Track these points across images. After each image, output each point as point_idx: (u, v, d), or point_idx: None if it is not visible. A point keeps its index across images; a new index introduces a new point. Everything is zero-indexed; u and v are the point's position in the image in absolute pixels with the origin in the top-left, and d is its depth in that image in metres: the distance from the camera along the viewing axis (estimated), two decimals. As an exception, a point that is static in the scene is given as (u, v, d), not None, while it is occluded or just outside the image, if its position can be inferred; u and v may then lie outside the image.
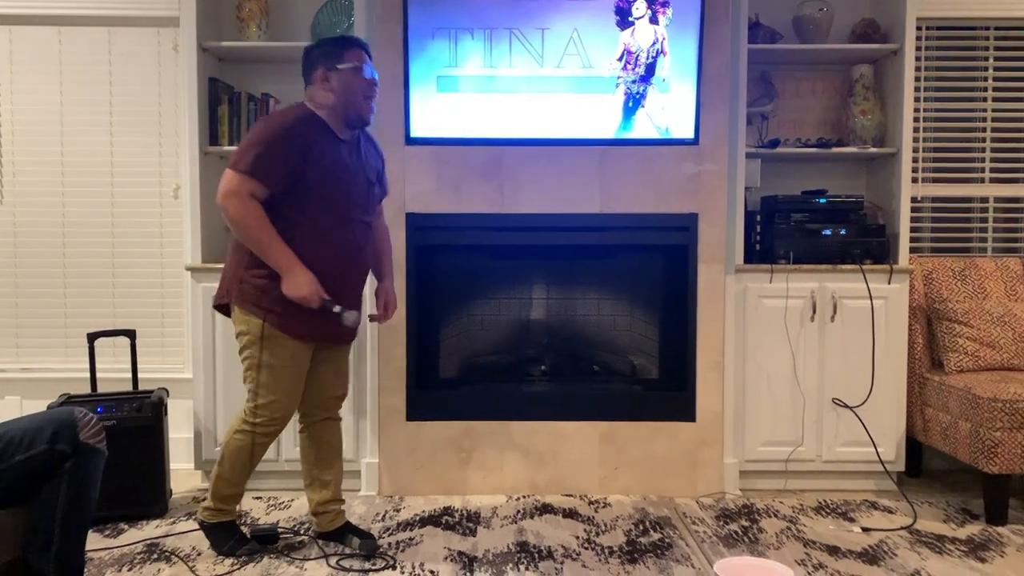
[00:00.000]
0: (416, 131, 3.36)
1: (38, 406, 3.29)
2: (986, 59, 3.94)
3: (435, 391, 3.53)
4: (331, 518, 2.88)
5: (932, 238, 4.00)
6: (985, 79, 3.95)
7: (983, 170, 3.97)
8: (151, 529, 3.03)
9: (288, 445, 3.43)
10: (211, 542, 2.80)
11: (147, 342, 3.77)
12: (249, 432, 2.70)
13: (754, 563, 2.28)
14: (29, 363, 3.89)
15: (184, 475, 3.61)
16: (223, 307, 2.74)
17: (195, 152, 3.46)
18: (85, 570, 2.09)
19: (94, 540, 2.88)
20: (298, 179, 2.57)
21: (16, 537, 1.96)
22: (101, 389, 3.39)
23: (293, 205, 2.59)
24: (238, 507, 2.90)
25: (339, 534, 2.87)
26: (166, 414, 3.28)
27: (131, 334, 3.44)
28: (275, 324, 2.62)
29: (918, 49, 3.75)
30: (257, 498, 3.36)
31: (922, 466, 3.73)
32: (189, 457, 3.55)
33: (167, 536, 2.96)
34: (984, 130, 3.96)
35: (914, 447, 3.62)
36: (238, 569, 2.66)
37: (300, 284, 2.56)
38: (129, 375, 3.46)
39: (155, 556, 2.77)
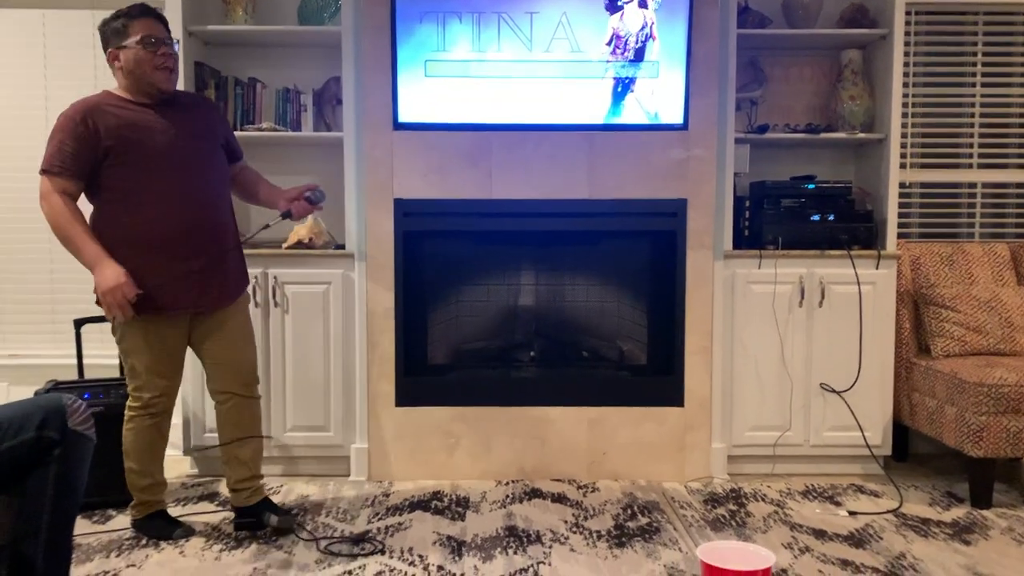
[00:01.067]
0: (404, 116, 3.35)
1: (25, 392, 3.28)
2: (975, 44, 3.94)
3: (424, 377, 3.53)
4: (248, 494, 2.87)
5: (920, 224, 4.01)
6: (974, 64, 3.95)
7: (971, 156, 3.98)
8: (139, 515, 3.02)
9: (277, 431, 3.43)
10: (143, 533, 2.82)
11: (135, 328, 3.75)
12: (136, 418, 2.74)
13: (736, 547, 2.30)
14: (16, 349, 3.87)
15: (173, 461, 3.59)
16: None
17: (181, 137, 3.43)
18: (73, 556, 2.08)
19: (82, 526, 2.88)
20: (103, 157, 2.56)
21: (5, 524, 1.95)
22: (88, 375, 3.38)
23: (115, 180, 2.58)
24: (164, 496, 2.91)
25: (256, 510, 2.86)
26: (154, 400, 3.26)
27: (118, 320, 3.42)
28: (135, 307, 2.59)
29: (907, 34, 3.75)
30: (246, 484, 3.36)
31: (908, 450, 3.76)
32: (178, 443, 3.54)
33: (155, 522, 2.95)
34: (972, 116, 3.97)
35: (901, 431, 3.65)
36: (227, 553, 2.67)
37: (107, 277, 2.52)
38: (116, 361, 3.45)
39: (143, 542, 2.77)
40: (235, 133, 3.09)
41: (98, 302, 2.59)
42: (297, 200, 2.87)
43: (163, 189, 2.62)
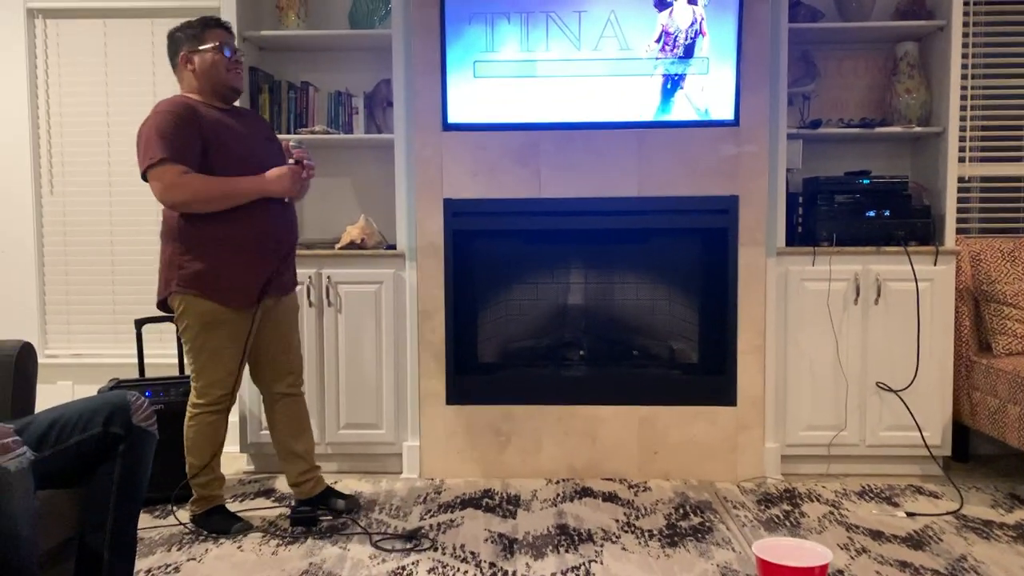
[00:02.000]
0: (453, 117, 3.37)
1: (89, 391, 3.38)
2: (1037, 34, 3.83)
3: (474, 375, 3.55)
4: (312, 486, 3.00)
5: (980, 219, 3.91)
6: (1036, 55, 3.84)
7: (1033, 148, 3.87)
8: (199, 510, 3.10)
9: (331, 429, 3.48)
10: (207, 529, 2.88)
11: (193, 328, 3.84)
12: (199, 415, 2.81)
13: (792, 543, 2.27)
14: (80, 349, 3.99)
15: (230, 458, 3.67)
16: (163, 303, 2.80)
17: (237, 141, 3.51)
18: (136, 549, 2.14)
19: (144, 520, 2.95)
20: (204, 154, 2.65)
21: (72, 516, 2.02)
22: (149, 374, 3.47)
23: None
24: (223, 491, 2.98)
25: (322, 498, 2.99)
26: (212, 398, 3.34)
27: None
28: (221, 302, 2.69)
29: (965, 25, 3.66)
30: (301, 481, 3.42)
31: (969, 451, 3.66)
32: (235, 440, 3.61)
33: (214, 517, 3.02)
34: (1034, 107, 3.85)
35: (961, 431, 3.56)
36: (283, 548, 2.72)
37: (278, 178, 2.71)
38: (175, 360, 3.54)
39: (202, 536, 2.84)
40: (289, 136, 3.16)
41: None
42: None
43: None
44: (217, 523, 2.87)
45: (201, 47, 2.75)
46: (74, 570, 2.01)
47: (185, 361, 2.81)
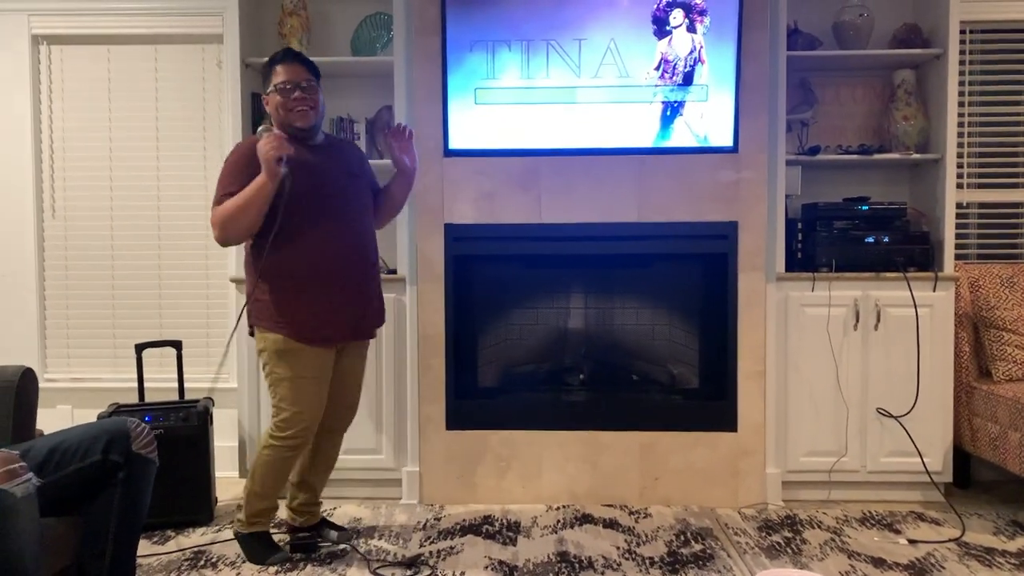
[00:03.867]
0: (454, 143, 3.40)
1: (88, 415, 3.37)
2: (1033, 62, 3.87)
3: (474, 400, 3.55)
4: (310, 516, 3.02)
5: (978, 244, 3.92)
6: (1032, 82, 3.87)
7: (1031, 175, 3.90)
8: (197, 536, 3.08)
9: (330, 454, 3.47)
10: (245, 552, 2.85)
11: (193, 352, 3.84)
12: (277, 447, 2.76)
13: (797, 574, 2.26)
14: (79, 373, 3.99)
15: (229, 483, 3.66)
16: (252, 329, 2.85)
17: (239, 166, 3.53)
18: None
19: (143, 547, 2.92)
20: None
21: (71, 544, 2.01)
22: (149, 398, 3.46)
23: (282, 217, 2.65)
24: (272, 518, 2.95)
25: (316, 528, 3.00)
26: (212, 423, 3.33)
27: (177, 345, 3.50)
28: (290, 335, 2.70)
29: (962, 53, 3.70)
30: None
31: (970, 477, 3.65)
32: (234, 465, 3.61)
33: (213, 543, 3.01)
34: (1031, 134, 3.88)
35: (962, 457, 3.55)
36: (282, 575, 2.70)
37: (264, 149, 2.58)
38: (175, 385, 3.54)
39: (202, 563, 2.82)
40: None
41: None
42: (398, 146, 2.96)
43: (324, 224, 2.73)
44: (255, 550, 2.84)
45: (268, 89, 2.77)
46: None
47: (269, 391, 2.79)
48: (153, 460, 2.06)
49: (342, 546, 2.94)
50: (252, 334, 2.83)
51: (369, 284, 2.88)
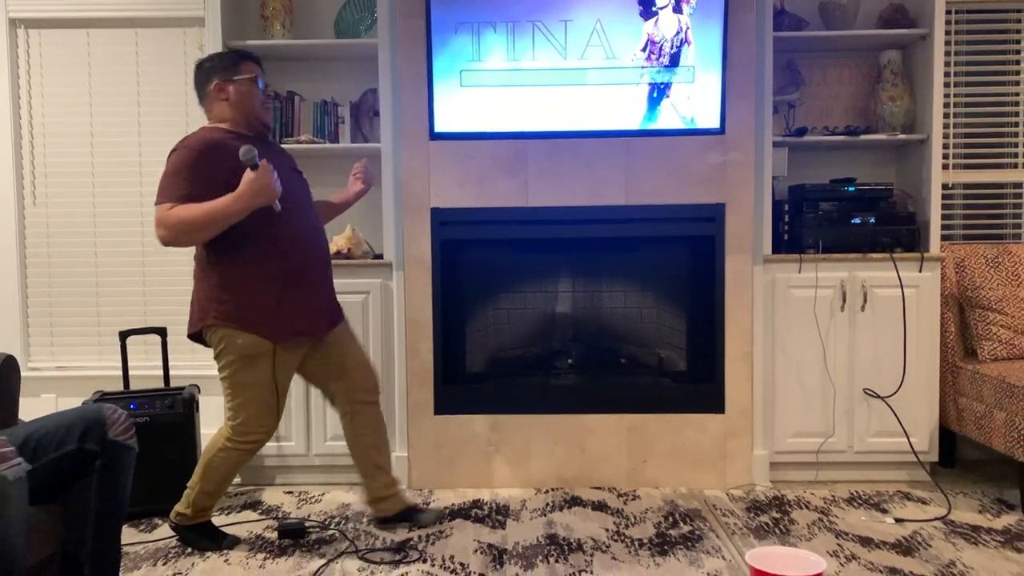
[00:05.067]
0: (440, 126, 3.37)
1: (73, 404, 3.34)
2: (1018, 42, 3.87)
3: (462, 385, 3.54)
4: (396, 499, 2.97)
5: (964, 225, 3.94)
6: (1017, 63, 3.87)
7: (1016, 155, 3.90)
8: (185, 524, 3.06)
9: (318, 440, 3.45)
10: (192, 544, 2.82)
11: (178, 339, 3.80)
12: (232, 450, 2.73)
13: (786, 552, 2.27)
14: (64, 361, 3.95)
15: (216, 470, 3.65)
16: (197, 336, 2.73)
17: (222, 151, 3.49)
18: (121, 564, 2.11)
19: (129, 535, 2.93)
20: (228, 185, 2.56)
21: (54, 532, 1.99)
22: (134, 386, 3.43)
23: (240, 224, 2.58)
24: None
25: (408, 514, 2.98)
26: (198, 410, 3.31)
27: (162, 332, 3.48)
28: (267, 336, 2.63)
29: (947, 33, 3.70)
30: (288, 492, 3.39)
31: (956, 456, 3.68)
32: (221, 453, 3.59)
33: (200, 530, 2.99)
34: (1016, 115, 3.89)
35: (947, 437, 3.57)
36: (270, 561, 2.69)
37: (258, 179, 2.52)
38: (160, 372, 3.51)
39: (189, 550, 2.81)
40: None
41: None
42: (358, 176, 3.06)
43: (287, 221, 2.67)
44: (201, 541, 2.81)
45: (236, 77, 2.71)
46: None
47: (224, 396, 2.73)
48: (131, 446, 2.02)
49: (384, 534, 2.91)
50: (197, 339, 2.73)
51: (329, 276, 2.88)
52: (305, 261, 2.73)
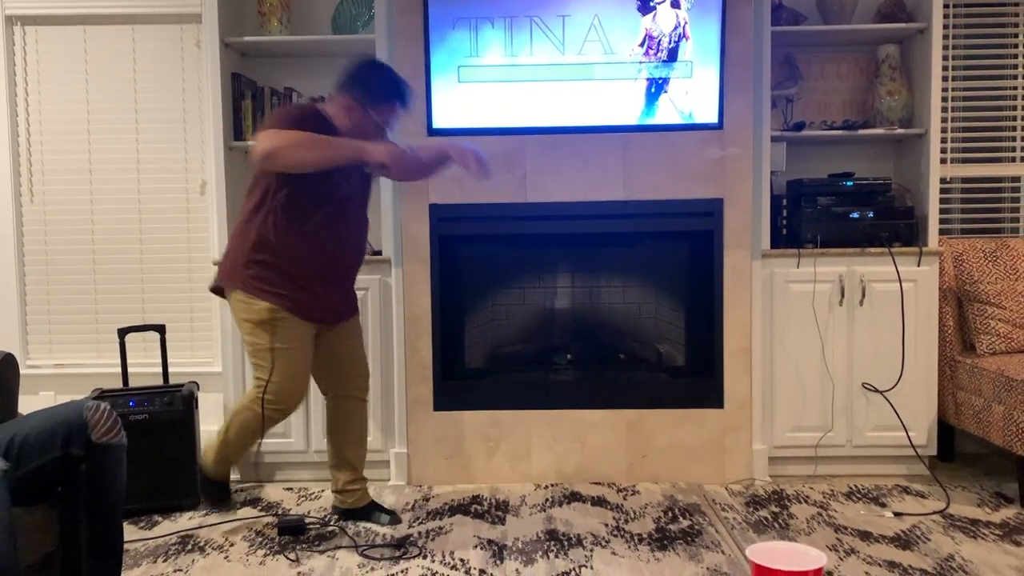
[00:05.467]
0: (438, 122, 3.36)
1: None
2: (1016, 36, 3.87)
3: (461, 381, 3.54)
4: (358, 496, 3.00)
5: (962, 219, 3.94)
6: (1015, 56, 3.87)
7: (1014, 149, 3.90)
8: (184, 521, 3.07)
9: (318, 436, 3.45)
10: (202, 491, 3.06)
11: (177, 337, 3.81)
12: (260, 413, 2.78)
13: (786, 547, 2.27)
14: (62, 359, 3.95)
15: (215, 467, 3.65)
16: (219, 289, 2.84)
17: (220, 148, 3.49)
18: (121, 561, 2.11)
19: (129, 531, 2.92)
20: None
21: (49, 531, 1.99)
22: (133, 383, 3.43)
23: (295, 194, 2.67)
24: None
25: (365, 512, 3.00)
26: (197, 407, 3.31)
27: (161, 329, 3.47)
28: (283, 306, 2.70)
29: (945, 27, 3.69)
30: (288, 489, 3.40)
31: (954, 450, 3.68)
32: (220, 449, 3.59)
33: (200, 528, 2.99)
34: (1015, 109, 3.89)
35: (946, 431, 3.58)
36: (270, 558, 2.69)
37: (382, 149, 2.61)
38: (159, 369, 3.51)
39: (189, 547, 2.81)
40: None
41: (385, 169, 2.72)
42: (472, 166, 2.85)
43: (332, 215, 2.74)
44: (213, 492, 3.06)
45: (371, 109, 2.73)
46: None
47: (250, 365, 2.83)
48: (116, 444, 1.98)
49: (384, 530, 2.92)
50: (218, 292, 2.84)
51: (353, 275, 2.94)
52: (335, 262, 2.80)
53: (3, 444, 1.89)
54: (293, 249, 2.70)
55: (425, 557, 2.69)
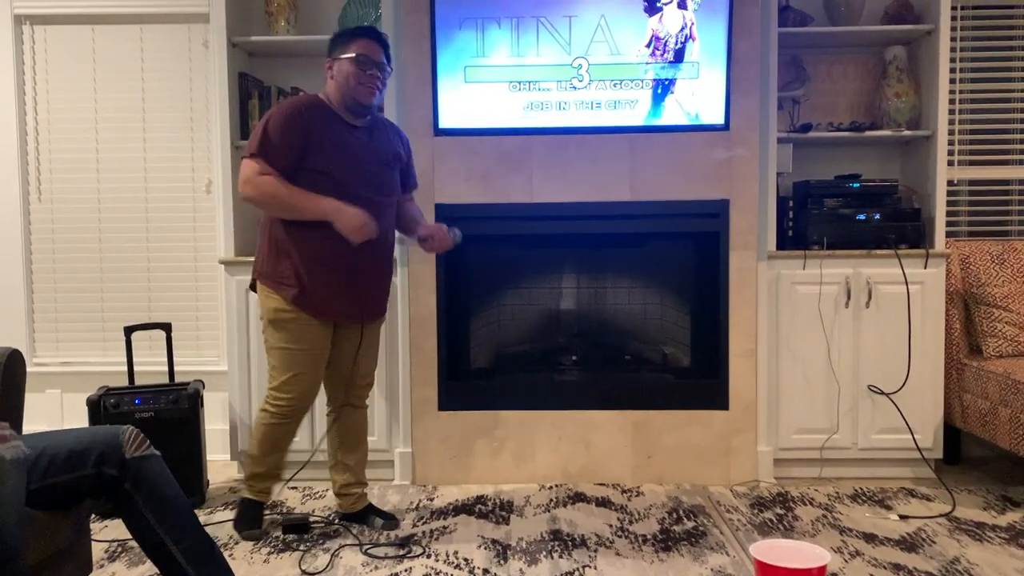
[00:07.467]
0: (444, 122, 3.37)
1: (78, 399, 3.37)
2: (1024, 38, 3.86)
3: (467, 381, 3.54)
4: (353, 500, 2.98)
5: (969, 222, 3.93)
6: (1023, 59, 3.86)
7: (1021, 152, 3.89)
8: (189, 519, 3.07)
9: (322, 435, 3.45)
10: (236, 514, 2.95)
11: (182, 335, 3.82)
12: (269, 412, 2.80)
13: (790, 545, 2.27)
14: (68, 357, 3.96)
15: (220, 466, 3.66)
16: (253, 284, 2.86)
17: (226, 147, 3.50)
18: (213, 548, 2.10)
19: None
20: (301, 160, 2.65)
21: (60, 532, 2.00)
22: (138, 382, 3.44)
23: (302, 187, 2.66)
24: (271, 494, 3.00)
25: (361, 516, 2.98)
26: (202, 406, 3.32)
27: (167, 327, 3.48)
28: (294, 302, 2.70)
29: (953, 29, 3.68)
30: (292, 488, 3.40)
31: (960, 453, 3.67)
32: (225, 448, 3.60)
33: (205, 525, 2.97)
34: (1022, 111, 3.87)
35: (952, 434, 3.57)
36: (275, 556, 2.70)
37: (352, 216, 2.61)
38: (165, 368, 3.52)
39: (194, 545, 2.81)
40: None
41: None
42: (437, 231, 2.92)
43: (349, 203, 2.69)
44: (242, 517, 2.92)
45: (341, 56, 2.72)
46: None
47: (266, 356, 2.85)
48: (152, 454, 2.03)
49: (385, 533, 2.91)
50: (254, 289, 2.84)
51: (383, 275, 2.89)
52: (355, 251, 2.70)
53: (34, 453, 1.89)
54: (308, 241, 2.69)
55: (429, 556, 2.69)
